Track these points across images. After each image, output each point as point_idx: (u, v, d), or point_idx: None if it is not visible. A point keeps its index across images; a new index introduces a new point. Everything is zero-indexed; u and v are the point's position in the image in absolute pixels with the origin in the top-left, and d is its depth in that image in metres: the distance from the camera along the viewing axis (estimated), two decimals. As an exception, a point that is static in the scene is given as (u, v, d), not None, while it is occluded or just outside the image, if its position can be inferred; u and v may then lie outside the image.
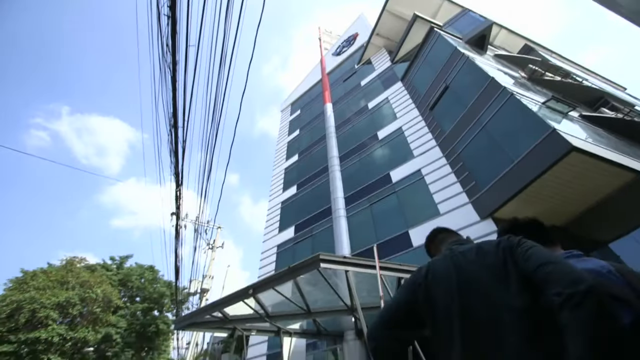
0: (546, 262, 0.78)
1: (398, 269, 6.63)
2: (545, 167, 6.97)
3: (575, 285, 0.69)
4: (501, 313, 0.81)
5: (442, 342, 0.92)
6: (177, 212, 7.20)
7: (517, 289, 0.81)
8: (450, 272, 0.98)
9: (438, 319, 0.95)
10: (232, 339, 9.67)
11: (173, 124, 4.54)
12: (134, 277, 22.66)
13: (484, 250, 0.94)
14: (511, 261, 0.85)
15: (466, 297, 0.90)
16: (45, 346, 14.81)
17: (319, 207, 15.46)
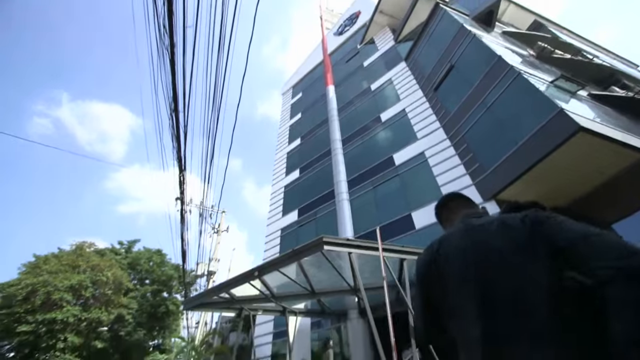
0: (589, 234, 0.71)
1: (401, 251, 6.73)
2: (551, 148, 6.87)
3: (627, 259, 0.61)
4: (527, 288, 0.72)
5: (459, 321, 0.84)
6: (181, 197, 7.27)
7: (545, 264, 0.72)
8: (466, 246, 0.88)
9: (453, 296, 0.86)
10: (240, 318, 10.02)
11: (173, 108, 4.50)
12: (143, 260, 23.27)
13: (507, 224, 0.83)
14: (540, 235, 0.76)
15: (485, 271, 0.80)
16: (61, 326, 15.47)
17: (322, 191, 15.52)
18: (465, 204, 1.15)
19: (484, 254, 0.83)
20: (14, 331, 14.75)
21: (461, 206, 1.14)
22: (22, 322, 14.84)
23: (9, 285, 16.30)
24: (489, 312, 0.76)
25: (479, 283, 0.81)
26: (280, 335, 12.49)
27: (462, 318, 0.82)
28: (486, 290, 0.79)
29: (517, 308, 0.72)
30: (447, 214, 1.16)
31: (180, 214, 8.45)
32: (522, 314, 0.71)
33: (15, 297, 15.47)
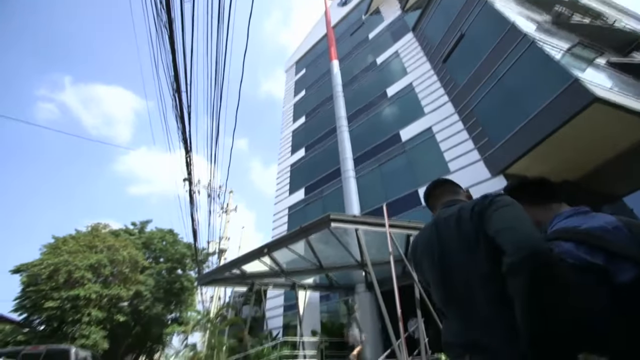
0: (502, 227, 0.78)
1: (407, 227, 6.80)
2: (563, 120, 6.65)
3: (515, 253, 0.70)
4: (472, 280, 0.85)
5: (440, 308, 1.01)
6: (189, 177, 7.37)
7: (484, 255, 0.82)
8: (432, 244, 1.02)
9: (433, 288, 1.03)
10: (251, 292, 10.45)
11: (176, 88, 4.45)
12: (156, 240, 24.08)
13: (461, 217, 0.94)
14: (481, 227, 0.86)
15: (446, 267, 0.94)
16: (85, 302, 16.40)
17: (328, 169, 15.52)
18: (450, 190, 1.22)
19: (443, 251, 0.97)
20: (42, 307, 15.73)
21: (445, 193, 1.21)
22: (48, 299, 15.78)
23: (32, 265, 17.19)
24: (450, 298, 0.93)
25: (440, 273, 0.96)
26: (291, 308, 13.04)
27: (438, 298, 1.00)
28: (445, 281, 0.94)
29: (469, 300, 0.86)
30: (433, 202, 1.25)
31: (189, 194, 8.62)
32: (472, 304, 0.84)
33: (40, 275, 16.37)
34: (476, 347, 0.81)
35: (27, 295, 16.47)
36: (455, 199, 1.16)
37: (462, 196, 1.19)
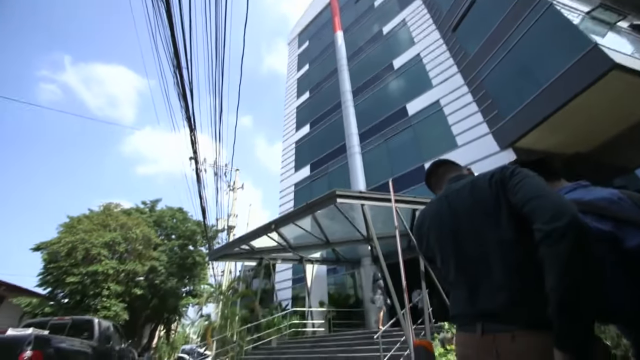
0: (533, 196, 0.78)
1: (413, 202, 6.83)
2: (578, 90, 6.37)
3: (556, 220, 0.69)
4: (490, 247, 0.85)
5: (448, 280, 1.00)
6: (194, 156, 7.40)
7: (507, 223, 0.82)
8: (442, 215, 1.02)
9: (441, 260, 1.03)
10: (261, 267, 10.83)
11: (176, 64, 4.35)
12: (166, 218, 24.76)
13: (477, 186, 0.94)
14: (503, 195, 0.85)
15: (459, 236, 0.94)
16: (103, 277, 17.25)
17: (334, 145, 15.39)
18: (453, 168, 1.22)
19: (457, 221, 0.96)
20: (64, 281, 16.62)
21: (448, 172, 1.21)
22: (69, 274, 16.63)
23: (51, 243, 17.97)
24: (461, 267, 0.92)
25: (451, 243, 0.96)
26: (299, 281, 13.53)
27: (447, 269, 1.00)
28: (457, 250, 0.94)
29: (481, 262, 0.86)
30: (435, 181, 1.25)
31: (196, 173, 8.70)
32: (486, 267, 0.84)
33: (59, 253, 17.15)
34: (489, 314, 0.81)
35: (49, 271, 17.39)
36: (462, 174, 1.15)
37: (465, 172, 1.19)
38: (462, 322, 0.92)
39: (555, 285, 0.67)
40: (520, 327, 0.75)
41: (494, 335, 0.78)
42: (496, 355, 0.77)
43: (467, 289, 0.90)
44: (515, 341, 0.74)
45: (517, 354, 0.73)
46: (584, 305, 0.64)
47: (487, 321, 0.81)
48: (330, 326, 10.19)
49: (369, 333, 6.96)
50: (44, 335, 4.20)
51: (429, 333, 5.18)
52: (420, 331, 5.66)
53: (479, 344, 0.82)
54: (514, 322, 0.76)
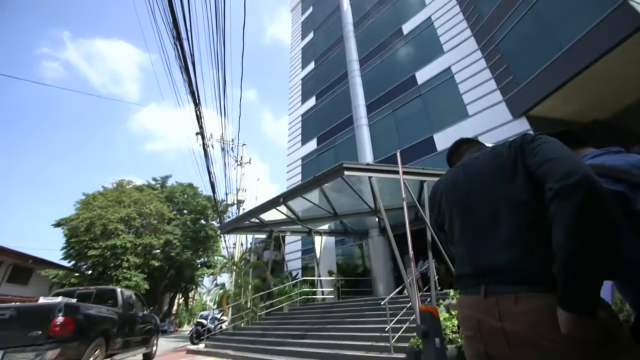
0: (548, 158, 0.77)
1: (421, 173, 6.77)
2: (602, 51, 5.95)
3: (566, 178, 0.68)
4: (500, 206, 0.85)
5: (454, 242, 1.01)
6: (200, 131, 7.37)
7: (521, 184, 0.82)
8: (457, 178, 1.03)
9: (449, 222, 1.04)
10: (270, 239, 11.16)
11: (176, 35, 4.21)
12: (177, 193, 25.34)
13: (497, 151, 0.94)
14: (521, 158, 0.84)
15: (469, 197, 0.95)
16: (122, 250, 18.11)
17: (340, 117, 15.10)
18: (475, 146, 1.20)
19: (471, 181, 0.98)
20: (86, 255, 17.54)
21: (471, 148, 1.19)
22: (90, 248, 17.51)
23: (70, 220, 18.75)
24: (470, 225, 0.93)
25: (464, 203, 0.97)
26: (308, 252, 13.95)
27: (453, 234, 1.02)
28: (468, 208, 0.95)
29: (491, 220, 0.87)
30: (457, 159, 1.23)
31: (203, 148, 8.73)
32: (494, 224, 0.85)
33: (79, 228, 17.94)
34: (493, 271, 0.81)
35: (71, 245, 18.32)
36: (484, 147, 1.16)
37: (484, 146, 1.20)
38: (465, 284, 0.92)
39: (561, 241, 0.66)
40: (524, 290, 0.74)
41: (497, 297, 0.78)
42: (498, 317, 0.77)
43: (473, 248, 0.90)
44: (519, 303, 0.73)
45: (519, 315, 0.73)
46: (592, 263, 0.63)
47: (490, 283, 0.82)
48: (339, 294, 10.63)
49: (377, 300, 7.24)
50: (72, 303, 4.51)
51: (435, 300, 5.36)
52: (426, 298, 5.86)
53: (482, 306, 0.82)
54: (518, 280, 0.76)
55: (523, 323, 0.72)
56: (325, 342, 5.55)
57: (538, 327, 0.69)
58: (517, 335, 0.72)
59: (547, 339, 0.67)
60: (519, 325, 0.72)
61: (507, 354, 0.75)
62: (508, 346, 0.74)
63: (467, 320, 0.88)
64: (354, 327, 5.89)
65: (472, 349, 0.87)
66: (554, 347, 0.66)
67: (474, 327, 0.84)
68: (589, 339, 0.64)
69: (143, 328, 6.63)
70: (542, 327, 0.69)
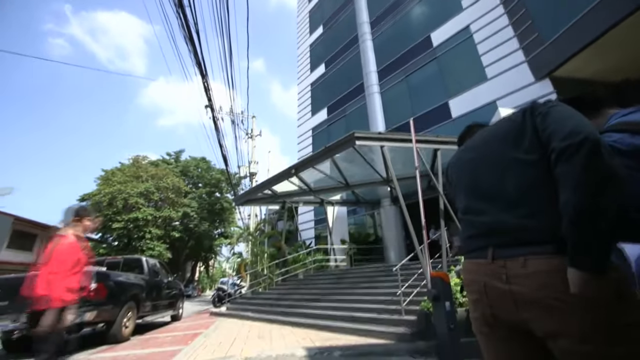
0: (556, 119, 0.77)
1: (435, 141, 6.60)
2: (638, 2, 5.36)
3: (568, 139, 0.69)
4: (507, 169, 0.85)
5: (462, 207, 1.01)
6: (209, 104, 7.31)
7: (529, 145, 0.81)
8: (466, 148, 1.06)
9: (458, 188, 1.05)
10: (284, 210, 11.41)
11: (178, 3, 4.03)
12: (191, 167, 25.89)
13: (509, 118, 0.93)
14: (531, 123, 0.83)
15: (478, 162, 0.96)
16: (144, 222, 19.05)
17: (351, 85, 14.60)
18: None
19: (479, 147, 0.99)
20: (111, 228, 18.59)
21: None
22: (114, 221, 18.49)
23: (93, 195, 19.67)
24: (478, 188, 0.94)
25: (474, 167, 0.97)
26: (321, 222, 14.26)
27: (461, 199, 1.02)
28: (478, 172, 0.95)
29: (499, 182, 0.87)
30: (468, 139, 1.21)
31: (213, 121, 8.70)
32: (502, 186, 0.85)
33: (102, 203, 18.85)
34: (500, 232, 0.82)
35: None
36: None
37: None
38: (472, 248, 0.92)
39: (568, 199, 0.67)
40: (532, 252, 0.74)
41: (505, 260, 0.78)
42: (505, 279, 0.77)
43: (479, 211, 0.90)
44: (527, 265, 0.73)
45: (528, 277, 0.73)
46: (599, 218, 0.63)
47: (498, 246, 0.82)
48: (352, 261, 10.98)
49: (389, 266, 7.46)
50: (103, 271, 4.87)
51: (446, 266, 5.46)
52: (438, 264, 5.98)
53: (488, 269, 0.82)
54: (526, 241, 0.76)
55: (531, 285, 0.72)
56: (338, 305, 5.84)
57: (547, 288, 0.70)
58: (526, 297, 0.73)
59: (556, 299, 0.68)
60: (527, 287, 0.73)
61: (514, 315, 0.76)
62: (516, 308, 0.75)
63: (473, 284, 0.88)
64: (366, 292, 6.14)
65: (477, 311, 0.88)
66: (563, 307, 0.67)
67: (480, 290, 0.85)
68: (599, 298, 0.64)
69: (169, 293, 7.14)
70: (551, 288, 0.69)
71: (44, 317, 2.04)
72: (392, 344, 3.87)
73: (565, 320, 0.66)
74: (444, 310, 3.28)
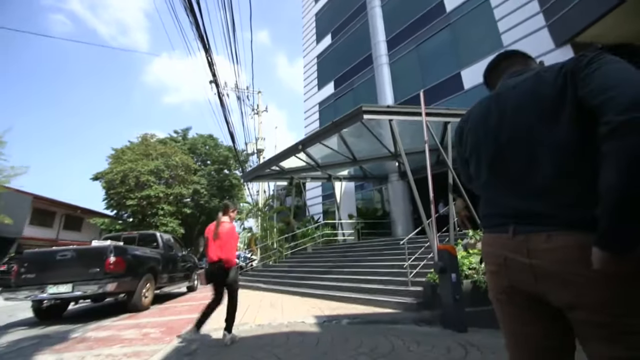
0: (611, 85, 0.63)
1: (445, 114, 6.41)
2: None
3: (630, 111, 0.57)
4: (539, 146, 0.75)
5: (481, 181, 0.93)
6: (214, 79, 7.17)
7: (567, 122, 0.69)
8: (489, 111, 0.90)
9: (476, 160, 0.94)
10: (292, 186, 11.51)
11: (177, -30, 3.82)
12: (199, 145, 26.01)
13: (540, 78, 0.78)
14: (571, 88, 0.69)
15: (502, 133, 0.84)
16: (156, 199, 19.54)
17: (358, 56, 14.04)
18: (520, 62, 1.00)
19: (502, 113, 0.85)
20: (125, 205, 19.16)
21: (515, 65, 1.00)
22: (127, 198, 19.02)
23: (105, 173, 20.13)
24: (500, 166, 0.85)
25: (495, 140, 0.87)
26: (329, 197, 14.38)
27: (479, 173, 0.94)
28: (499, 147, 0.85)
29: (527, 162, 0.78)
30: (495, 77, 1.04)
31: (218, 97, 8.58)
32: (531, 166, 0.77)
33: (114, 181, 19.32)
34: (526, 215, 0.77)
35: (111, 196, 19.97)
36: (527, 68, 0.96)
37: (535, 67, 0.99)
38: (491, 223, 0.88)
39: (613, 183, 0.58)
40: (557, 228, 0.70)
41: (527, 235, 0.76)
42: (526, 253, 0.75)
43: (503, 193, 0.84)
44: (551, 240, 0.71)
45: (550, 252, 0.70)
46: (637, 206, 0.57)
47: (521, 222, 0.78)
48: (359, 235, 11.18)
49: (396, 240, 7.57)
50: (120, 246, 5.09)
51: (453, 240, 5.51)
52: (445, 238, 6.03)
53: (509, 243, 0.80)
54: (553, 223, 0.71)
55: (553, 259, 0.70)
56: (346, 277, 6.02)
57: (569, 264, 0.68)
58: (546, 271, 0.72)
59: (577, 274, 0.67)
60: (548, 261, 0.71)
61: (532, 287, 0.76)
62: (535, 280, 0.74)
63: (493, 257, 0.87)
64: (373, 265, 6.30)
65: (495, 283, 0.87)
66: (583, 281, 0.66)
67: (499, 263, 0.84)
68: (621, 273, 0.62)
69: (184, 266, 7.47)
70: (573, 264, 0.67)
71: (230, 272, 3.20)
72: (398, 313, 4.02)
73: (584, 294, 0.66)
74: (450, 281, 3.36)
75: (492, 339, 2.72)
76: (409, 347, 2.63)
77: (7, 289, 4.59)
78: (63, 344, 3.28)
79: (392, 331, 3.19)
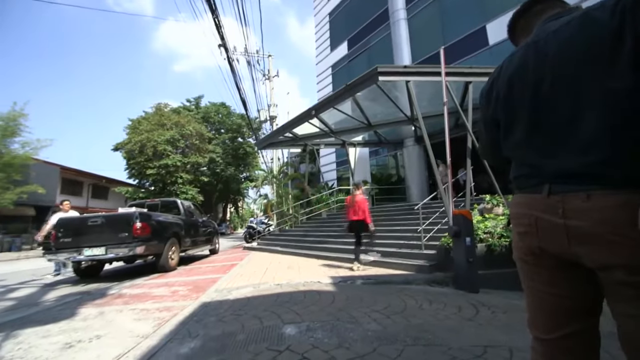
0: None
1: (467, 73, 6.00)
2: None
3: None
4: (588, 96, 0.67)
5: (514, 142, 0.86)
6: (222, 42, 6.92)
7: (624, 66, 0.61)
8: (526, 62, 0.79)
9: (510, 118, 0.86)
10: (305, 152, 11.49)
11: None
12: (212, 113, 26.00)
13: (590, 18, 0.67)
14: (631, 26, 0.59)
15: (543, 86, 0.75)
16: (174, 168, 20.15)
17: (373, 12, 13.06)
18: (554, 6, 0.87)
19: (542, 64, 0.75)
20: (145, 174, 19.91)
21: (546, 10, 0.87)
22: (147, 168, 19.70)
23: (125, 144, 20.72)
24: (538, 122, 0.78)
25: (529, 96, 0.79)
26: (343, 164, 14.33)
27: (511, 132, 0.86)
28: (536, 104, 0.78)
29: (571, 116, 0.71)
30: (524, 25, 0.92)
31: (228, 61, 8.34)
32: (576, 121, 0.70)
33: (133, 151, 19.92)
34: (566, 175, 0.72)
35: (131, 166, 20.75)
36: (568, 10, 0.84)
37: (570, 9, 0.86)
38: (525, 184, 0.83)
39: None
40: (596, 187, 0.66)
41: (563, 195, 0.71)
42: (561, 214, 0.71)
43: (541, 147, 0.78)
44: (590, 200, 0.66)
45: (588, 211, 0.66)
46: None
47: (558, 182, 0.73)
48: (374, 201, 11.25)
49: (411, 205, 7.58)
50: (145, 212, 5.38)
51: (469, 205, 5.45)
52: (460, 203, 5.97)
53: (543, 203, 0.75)
54: (596, 182, 0.66)
55: (592, 219, 0.66)
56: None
57: (609, 223, 0.64)
58: (581, 232, 0.68)
59: (617, 234, 0.63)
60: (585, 221, 0.67)
61: (564, 249, 0.73)
62: (567, 242, 0.71)
63: (523, 217, 0.83)
64: (388, 229, 6.40)
65: (523, 244, 0.84)
66: (625, 241, 0.62)
67: (530, 224, 0.80)
68: None
69: (205, 230, 7.86)
70: (613, 223, 0.63)
71: (369, 225, 4.80)
72: (410, 274, 4.15)
73: (626, 254, 0.63)
74: (464, 245, 3.38)
75: (504, 300, 2.78)
76: (421, 305, 2.74)
77: (49, 252, 5.03)
78: (102, 299, 3.63)
79: (405, 291, 3.31)
